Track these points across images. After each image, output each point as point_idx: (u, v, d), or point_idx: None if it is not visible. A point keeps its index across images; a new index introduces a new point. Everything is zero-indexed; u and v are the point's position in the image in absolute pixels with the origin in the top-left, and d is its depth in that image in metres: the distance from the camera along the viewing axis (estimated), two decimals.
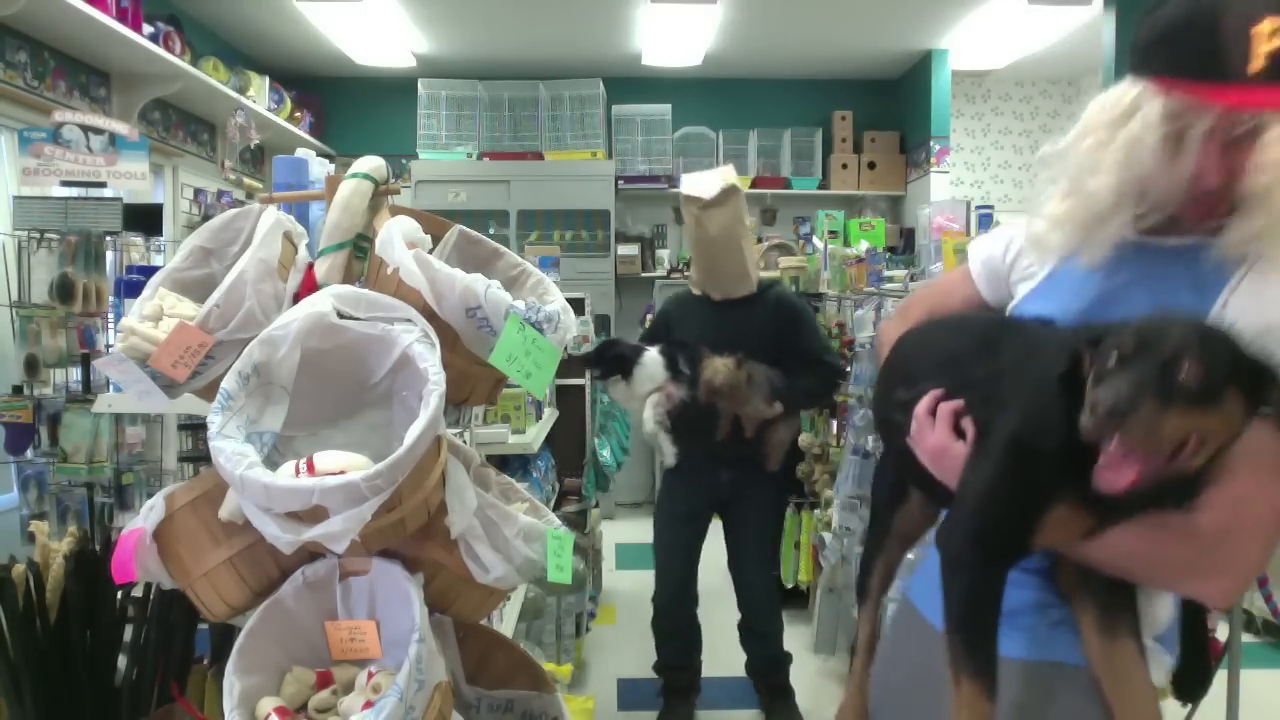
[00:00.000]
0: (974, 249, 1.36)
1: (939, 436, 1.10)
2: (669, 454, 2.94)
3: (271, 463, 1.10)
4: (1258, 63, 0.95)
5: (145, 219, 2.79)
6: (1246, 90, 0.96)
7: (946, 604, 1.05)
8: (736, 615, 3.12)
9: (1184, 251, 1.08)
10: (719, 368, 2.75)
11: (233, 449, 1.05)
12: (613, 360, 2.93)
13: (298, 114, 6.07)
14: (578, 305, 4.02)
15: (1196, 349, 0.89)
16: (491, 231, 5.88)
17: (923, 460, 1.13)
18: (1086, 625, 1.10)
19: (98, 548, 1.40)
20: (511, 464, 2.94)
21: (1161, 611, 1.13)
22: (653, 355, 2.89)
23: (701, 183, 2.85)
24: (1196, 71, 1.00)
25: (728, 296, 2.91)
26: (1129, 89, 1.08)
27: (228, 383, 1.10)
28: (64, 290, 2.51)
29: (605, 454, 4.09)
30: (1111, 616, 1.07)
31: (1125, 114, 1.07)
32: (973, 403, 1.09)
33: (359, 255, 1.31)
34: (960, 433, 1.09)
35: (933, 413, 1.12)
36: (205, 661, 1.45)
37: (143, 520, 1.18)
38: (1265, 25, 0.95)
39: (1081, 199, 1.11)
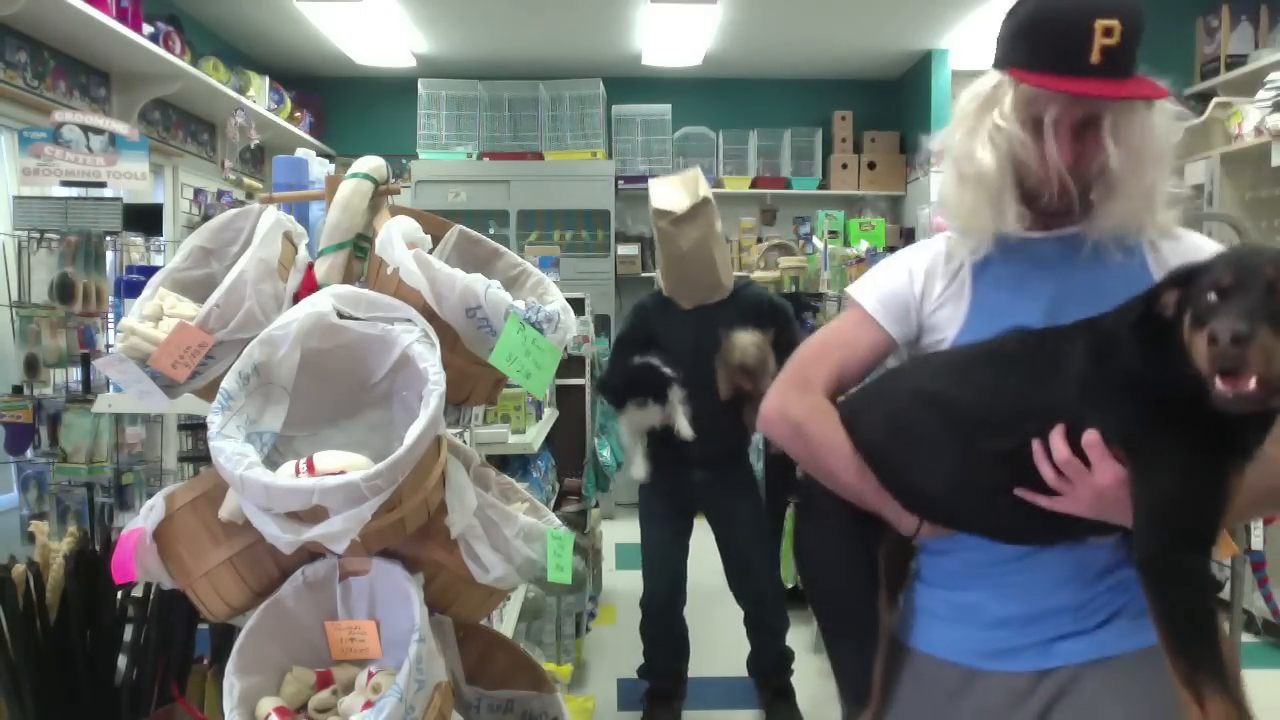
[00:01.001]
0: (862, 290, 1.29)
1: (1109, 470, 1.03)
2: (642, 469, 2.96)
3: (271, 463, 1.10)
4: (1095, 55, 1.09)
5: (145, 219, 2.79)
6: (1086, 81, 1.10)
7: (1169, 619, 1.01)
8: (730, 616, 3.12)
9: (1074, 239, 1.20)
10: (747, 344, 2.74)
11: (233, 449, 1.05)
12: (643, 386, 2.91)
13: (298, 114, 6.07)
14: (578, 305, 4.01)
15: None
16: (491, 231, 5.88)
17: (1082, 510, 1.06)
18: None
19: (98, 548, 1.40)
20: (511, 464, 2.93)
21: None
22: (676, 391, 2.88)
23: (671, 195, 2.81)
24: (1047, 63, 1.12)
25: (699, 305, 2.91)
26: (990, 79, 1.20)
27: (228, 383, 1.10)
28: (64, 290, 2.50)
29: (605, 454, 4.09)
30: None
31: (988, 102, 1.18)
32: (1092, 424, 1.04)
33: (359, 255, 1.31)
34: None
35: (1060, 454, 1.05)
36: (205, 661, 1.45)
37: (143, 520, 1.18)
38: (1100, 24, 1.09)
39: (972, 183, 1.18)
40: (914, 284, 1.26)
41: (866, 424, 1.21)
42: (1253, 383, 0.92)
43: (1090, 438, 1.03)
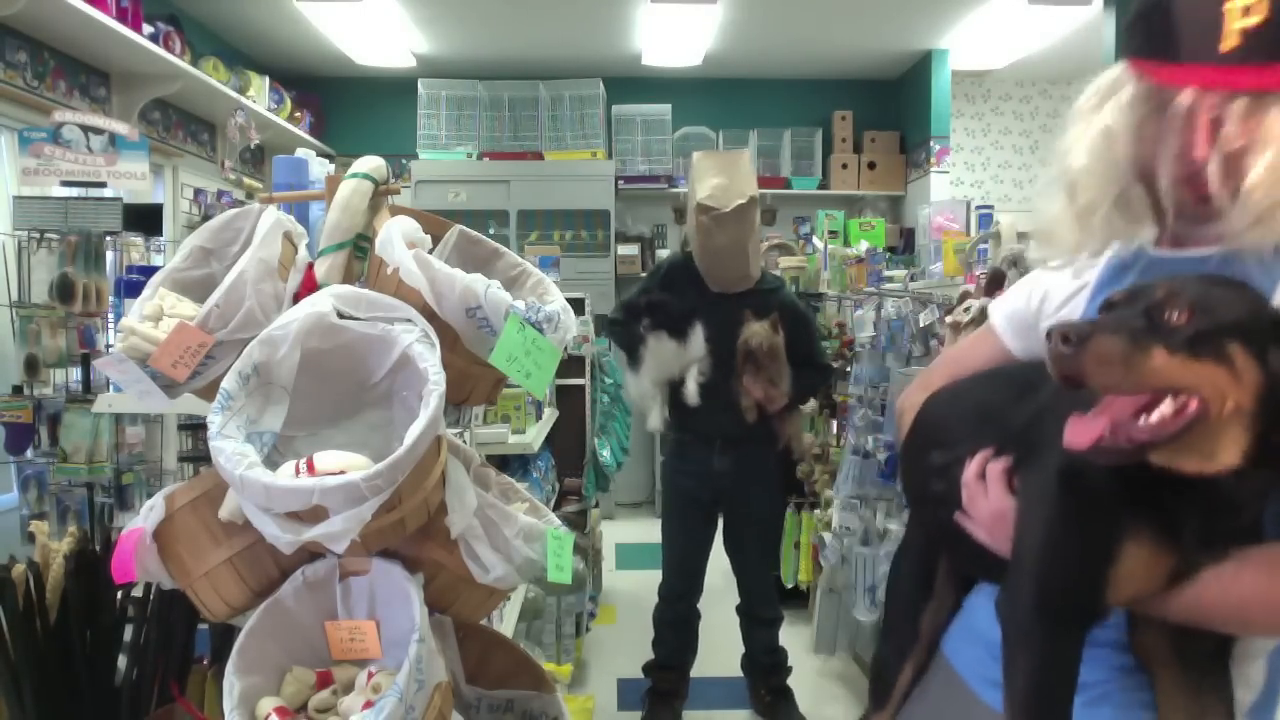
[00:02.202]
0: (995, 307, 1.27)
1: (995, 500, 0.97)
2: (656, 420, 2.93)
3: (271, 463, 1.10)
4: (1230, 41, 0.92)
5: (145, 219, 2.79)
6: (1218, 70, 0.93)
7: (1008, 685, 0.91)
8: (732, 616, 3.13)
9: (1207, 261, 1.01)
10: (756, 330, 2.74)
11: (233, 449, 1.05)
12: (665, 316, 2.86)
13: (298, 114, 6.07)
14: (578, 305, 4.02)
15: (1193, 294, 0.81)
16: (491, 231, 5.88)
17: (979, 535, 1.00)
18: (1168, 702, 0.96)
19: (98, 548, 1.40)
20: (511, 464, 2.93)
21: (1255, 675, 0.98)
22: (699, 331, 2.85)
23: (718, 188, 2.72)
24: (1166, 51, 0.97)
25: (727, 291, 2.91)
26: (1114, 71, 1.05)
27: (228, 383, 1.10)
28: (64, 290, 2.50)
29: (605, 454, 4.09)
30: (1200, 690, 0.94)
31: (1104, 97, 1.04)
32: (1021, 455, 0.97)
33: (359, 255, 1.31)
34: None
35: (983, 476, 1.00)
36: (205, 661, 1.45)
37: (143, 520, 1.18)
38: (1234, 2, 0.91)
39: (1067, 187, 1.08)
40: (1032, 301, 1.19)
41: (932, 408, 1.21)
42: (1104, 425, 0.80)
43: (994, 465, 0.99)
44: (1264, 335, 0.81)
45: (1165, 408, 0.81)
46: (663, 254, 6.56)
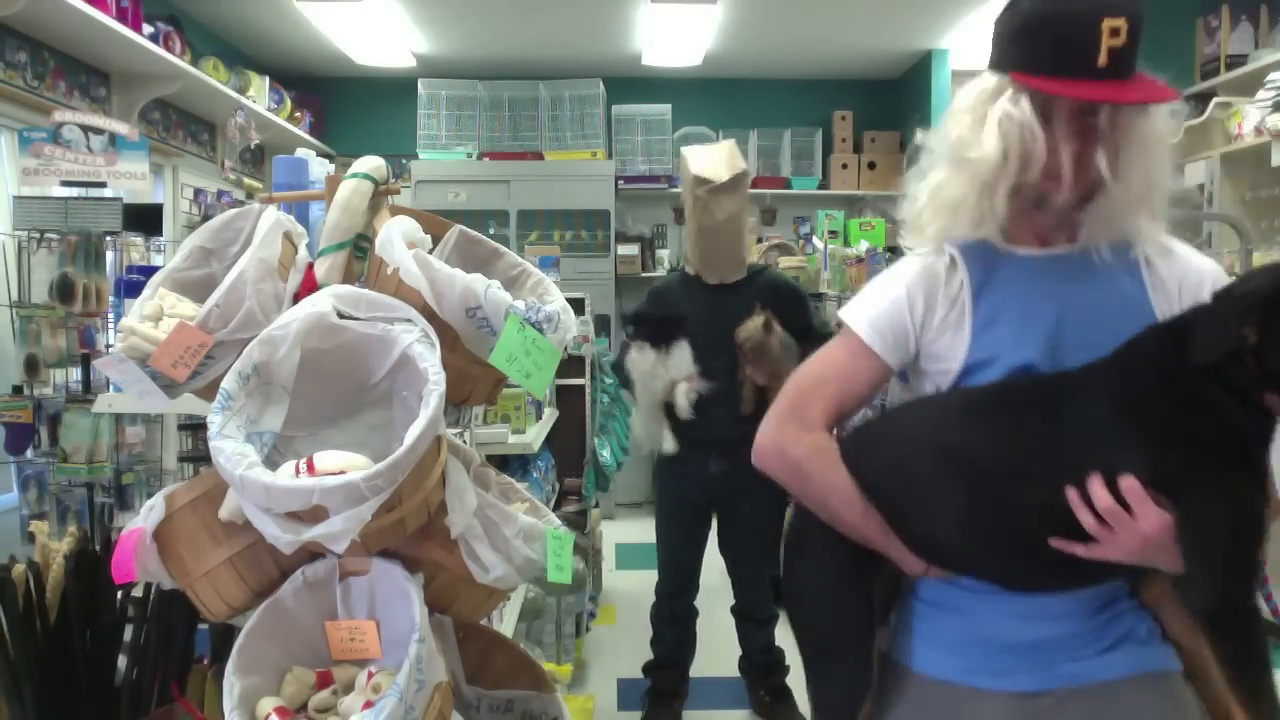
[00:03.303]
0: (857, 316, 1.22)
1: (1151, 519, 1.01)
2: (669, 443, 2.92)
3: (271, 463, 1.10)
4: (1104, 58, 1.06)
5: (145, 219, 2.79)
6: (1095, 85, 1.07)
7: (1240, 673, 1.02)
8: (729, 614, 3.13)
9: (1068, 259, 1.17)
10: (749, 329, 2.74)
11: (233, 449, 1.05)
12: (654, 324, 2.89)
13: (298, 114, 6.07)
14: (578, 305, 4.01)
15: None
16: (491, 231, 5.88)
17: (1124, 556, 1.04)
18: (1182, 629, 1.14)
19: (98, 548, 1.40)
20: (511, 464, 2.93)
21: None
22: (683, 343, 2.85)
23: (711, 163, 2.80)
24: (1052, 66, 1.08)
25: (722, 281, 2.91)
26: (989, 80, 1.15)
27: (228, 383, 1.10)
28: (64, 290, 2.50)
29: (605, 454, 4.09)
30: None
31: (991, 97, 1.13)
32: (1127, 469, 1.02)
33: (359, 255, 1.31)
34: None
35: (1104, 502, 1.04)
36: (205, 661, 1.44)
37: (143, 520, 1.18)
38: (1108, 24, 1.05)
39: (968, 167, 1.14)
40: (913, 311, 1.20)
41: (872, 467, 1.17)
42: None
43: (1129, 483, 1.01)
44: None
45: None
46: (663, 254, 6.56)
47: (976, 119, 1.14)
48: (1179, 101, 1.14)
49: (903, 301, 1.20)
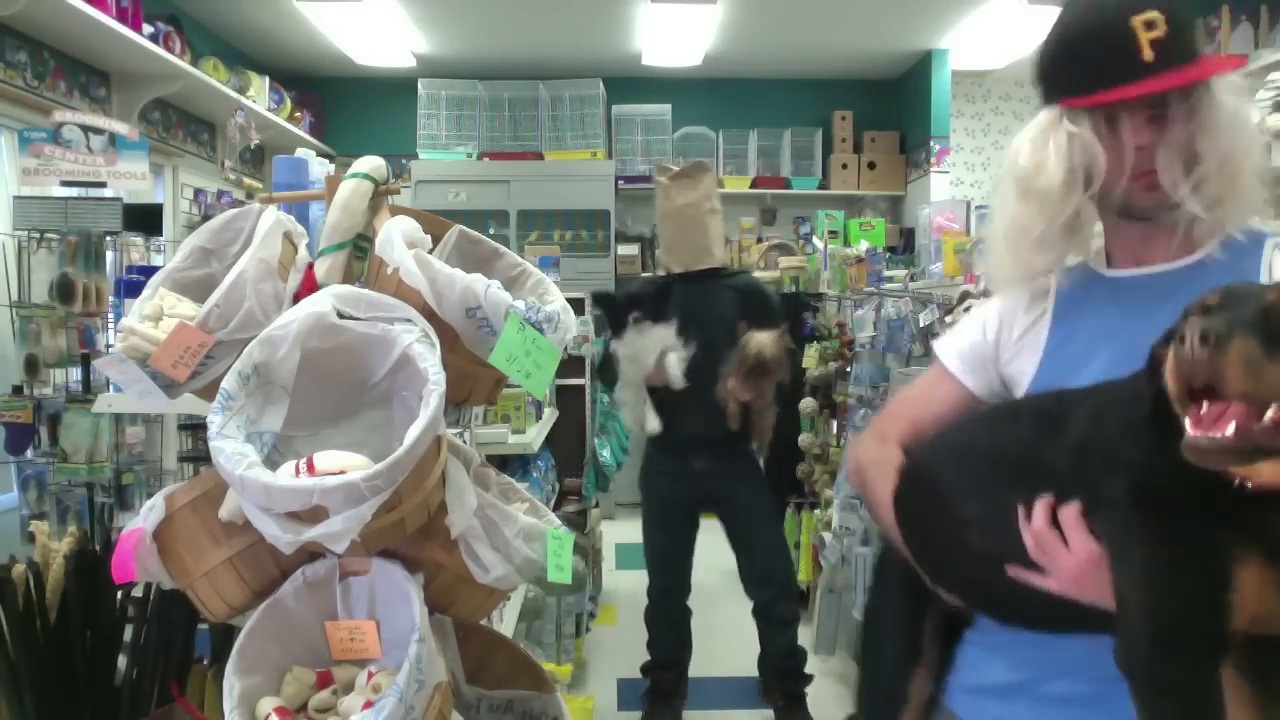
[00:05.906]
0: (944, 346, 1.25)
1: (1080, 548, 0.92)
2: (653, 422, 2.94)
3: (271, 463, 1.10)
4: (1147, 53, 1.02)
5: (145, 219, 2.79)
6: (1145, 81, 1.02)
7: None
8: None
9: (1165, 276, 1.09)
10: (764, 341, 2.75)
11: (233, 449, 1.05)
12: (634, 303, 2.96)
13: (298, 114, 6.07)
14: (578, 305, 4.01)
15: None
16: (491, 231, 5.88)
17: (1053, 586, 0.95)
18: (1244, 705, 0.93)
19: (98, 548, 1.40)
20: (511, 464, 2.93)
21: None
22: (671, 320, 2.91)
23: (675, 163, 2.96)
24: (1098, 82, 1.04)
25: (689, 268, 2.93)
26: (1044, 115, 1.11)
27: (228, 383, 1.10)
28: (64, 290, 2.50)
29: (605, 454, 4.09)
30: (1266, 702, 0.92)
31: (1050, 128, 1.10)
32: (1088, 497, 0.92)
33: (359, 255, 1.31)
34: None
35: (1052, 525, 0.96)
36: (205, 661, 1.44)
37: (143, 520, 1.18)
38: (1138, 20, 1.02)
39: (1036, 196, 1.10)
40: (986, 330, 1.19)
41: (899, 484, 1.15)
42: (1230, 427, 0.77)
43: (1067, 511, 0.94)
44: None
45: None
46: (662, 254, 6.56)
47: (1038, 148, 1.11)
48: (1234, 74, 1.09)
49: (980, 325, 1.21)
